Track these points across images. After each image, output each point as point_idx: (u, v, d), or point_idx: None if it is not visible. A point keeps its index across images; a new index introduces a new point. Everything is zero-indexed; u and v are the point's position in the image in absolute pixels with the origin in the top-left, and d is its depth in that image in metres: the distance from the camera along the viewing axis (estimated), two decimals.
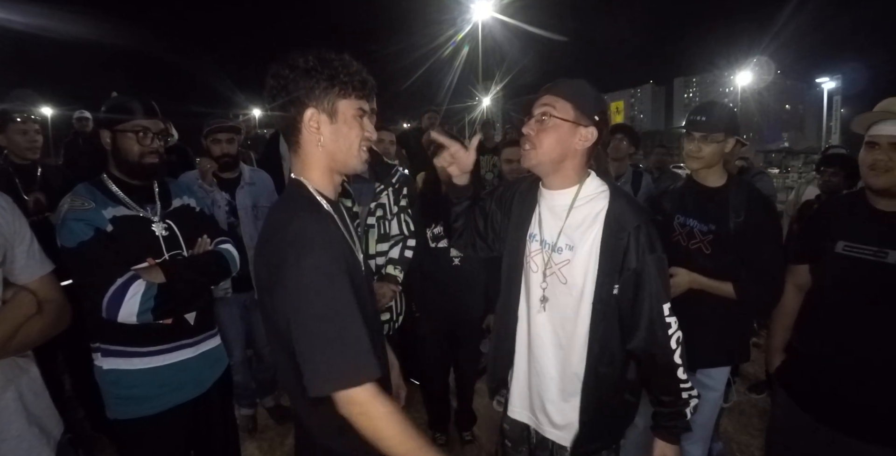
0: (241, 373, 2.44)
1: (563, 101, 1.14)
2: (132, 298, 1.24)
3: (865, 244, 1.30)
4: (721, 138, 1.59)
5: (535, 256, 1.25)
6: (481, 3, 17.60)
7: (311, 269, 0.83)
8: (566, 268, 1.18)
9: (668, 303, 1.14)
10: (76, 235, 1.25)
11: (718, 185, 1.66)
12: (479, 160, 5.09)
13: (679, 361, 1.15)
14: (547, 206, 1.24)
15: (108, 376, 1.36)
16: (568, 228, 1.18)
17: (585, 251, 1.15)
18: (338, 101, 0.94)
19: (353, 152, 0.98)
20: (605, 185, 1.21)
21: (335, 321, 0.84)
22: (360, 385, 0.83)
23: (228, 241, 1.60)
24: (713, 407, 1.73)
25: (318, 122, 0.93)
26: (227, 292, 2.28)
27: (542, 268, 1.22)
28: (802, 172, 22.65)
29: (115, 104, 1.41)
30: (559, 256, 1.19)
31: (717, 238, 1.59)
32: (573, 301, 1.17)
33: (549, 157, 1.15)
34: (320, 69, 0.91)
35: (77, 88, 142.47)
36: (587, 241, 1.15)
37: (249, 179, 2.39)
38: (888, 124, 1.29)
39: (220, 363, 1.60)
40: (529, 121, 1.18)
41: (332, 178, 1.00)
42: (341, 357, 0.83)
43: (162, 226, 1.43)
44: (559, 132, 1.14)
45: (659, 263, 1.14)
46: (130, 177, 1.42)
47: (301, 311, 0.84)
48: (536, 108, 1.17)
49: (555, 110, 1.14)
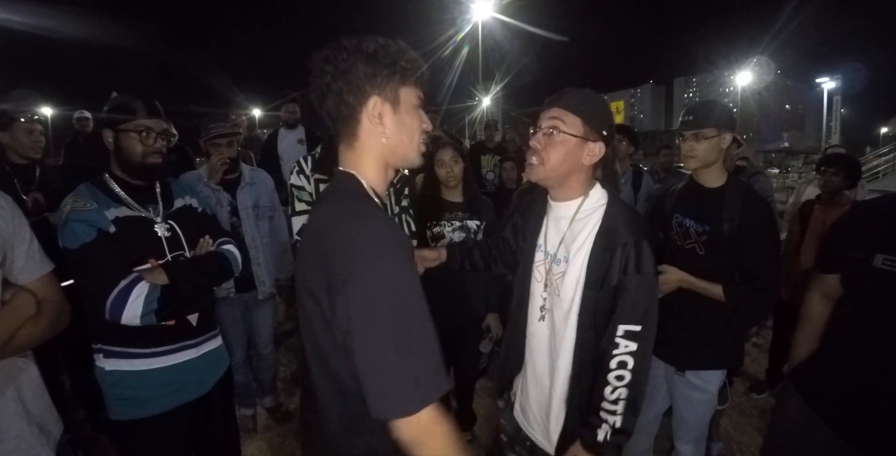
0: (242, 372, 2.44)
1: (571, 116, 1.12)
2: (135, 301, 1.24)
3: None
4: (713, 134, 1.56)
5: (538, 266, 1.26)
6: (481, 3, 17.58)
7: (389, 274, 0.73)
8: (559, 279, 1.18)
9: (634, 326, 1.09)
10: (78, 237, 1.25)
11: (717, 185, 1.63)
12: (481, 160, 5.12)
13: (610, 381, 1.09)
14: (552, 217, 1.25)
15: (110, 377, 1.36)
16: (567, 239, 1.19)
17: (577, 264, 1.14)
18: (400, 88, 0.85)
19: (414, 145, 0.90)
20: (605, 198, 1.19)
21: (414, 333, 0.74)
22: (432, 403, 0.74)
23: (231, 241, 1.60)
24: (705, 408, 1.72)
25: (381, 112, 0.84)
26: (229, 292, 2.28)
27: (544, 278, 1.23)
28: (802, 172, 22.68)
29: (118, 104, 1.40)
30: (557, 268, 1.19)
31: (712, 239, 1.58)
32: (563, 313, 1.17)
33: (556, 172, 1.14)
34: (382, 53, 0.82)
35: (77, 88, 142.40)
36: (581, 253, 1.14)
37: (250, 179, 2.38)
38: None
39: (222, 364, 1.60)
40: (536, 134, 1.16)
41: (387, 174, 0.91)
42: (420, 372, 0.73)
43: (164, 226, 1.43)
44: (567, 147, 1.12)
45: (641, 284, 1.08)
46: (133, 177, 1.42)
47: (375, 320, 0.72)
48: (544, 121, 1.15)
49: (563, 125, 1.12)
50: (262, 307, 2.47)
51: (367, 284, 0.72)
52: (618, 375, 1.10)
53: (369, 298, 0.72)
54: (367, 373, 0.72)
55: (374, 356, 0.72)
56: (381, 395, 0.72)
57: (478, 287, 2.20)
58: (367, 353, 0.72)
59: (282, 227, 2.50)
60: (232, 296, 2.29)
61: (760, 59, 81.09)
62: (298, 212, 1.78)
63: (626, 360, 1.09)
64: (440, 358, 0.76)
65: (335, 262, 0.75)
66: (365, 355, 0.72)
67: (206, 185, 2.24)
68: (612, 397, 1.10)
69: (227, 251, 1.54)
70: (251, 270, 2.31)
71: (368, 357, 0.72)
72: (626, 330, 1.09)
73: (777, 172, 27.42)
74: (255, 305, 2.43)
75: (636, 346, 1.09)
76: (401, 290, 0.74)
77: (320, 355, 0.82)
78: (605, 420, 1.11)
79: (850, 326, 1.27)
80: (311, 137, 4.09)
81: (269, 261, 2.40)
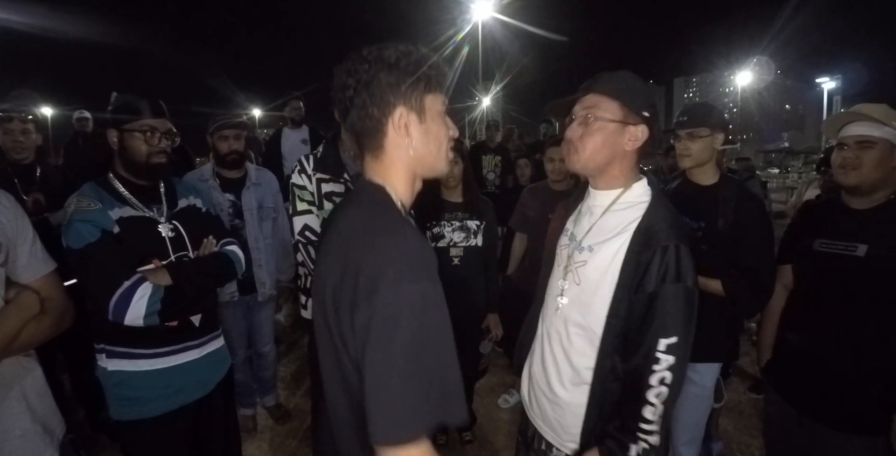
0: (242, 372, 2.44)
1: (608, 100, 1.05)
2: (139, 301, 1.23)
3: (838, 240, 1.40)
4: (706, 133, 1.64)
5: (562, 249, 1.22)
6: (481, 3, 17.57)
7: (414, 295, 0.70)
8: (582, 269, 1.12)
9: (674, 339, 1.01)
10: (82, 237, 1.24)
11: (710, 183, 1.70)
12: (481, 160, 5.12)
13: (651, 400, 1.02)
14: (588, 204, 1.19)
15: (113, 378, 1.36)
16: (597, 228, 1.12)
17: (603, 259, 1.07)
18: (425, 96, 0.82)
19: (442, 154, 0.87)
20: (648, 195, 1.11)
21: (425, 359, 0.70)
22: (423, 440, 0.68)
23: (234, 242, 1.59)
24: (701, 405, 1.74)
25: (406, 123, 0.81)
26: (233, 296, 2.28)
27: (565, 262, 1.18)
28: (802, 172, 22.66)
29: (123, 103, 1.40)
30: (580, 256, 1.13)
31: (706, 236, 1.63)
32: (582, 306, 1.11)
33: (594, 161, 1.08)
34: (405, 62, 0.79)
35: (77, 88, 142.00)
36: (609, 247, 1.07)
37: (255, 180, 2.36)
38: (855, 126, 1.38)
39: (224, 364, 1.60)
40: (572, 123, 1.10)
41: (414, 185, 0.88)
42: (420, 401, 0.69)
43: (168, 227, 1.42)
44: (605, 134, 1.05)
45: (680, 294, 1.00)
46: (137, 177, 1.41)
47: (390, 340, 0.68)
48: (579, 109, 1.09)
49: (599, 110, 1.05)
50: (263, 308, 2.47)
51: (390, 302, 0.69)
52: (657, 393, 1.02)
53: (389, 317, 0.68)
54: (370, 393, 0.69)
55: (379, 376, 0.69)
56: (375, 418, 0.68)
57: (478, 287, 2.20)
58: (375, 372, 0.69)
59: (285, 228, 2.47)
60: (236, 300, 2.29)
61: (760, 59, 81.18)
62: (300, 211, 1.78)
63: (666, 375, 1.01)
64: (454, 389, 0.72)
65: (361, 274, 0.71)
66: (372, 374, 0.69)
67: (211, 187, 2.22)
68: (652, 418, 1.02)
69: (230, 252, 1.53)
70: (253, 272, 2.31)
71: (375, 376, 0.69)
72: (668, 344, 1.00)
73: (777, 172, 27.42)
74: (257, 306, 2.43)
75: (674, 359, 1.01)
76: (423, 312, 0.70)
77: (337, 365, 0.79)
78: (641, 439, 1.04)
79: (796, 303, 1.53)
80: (314, 137, 4.06)
81: (271, 263, 2.39)
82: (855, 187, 1.38)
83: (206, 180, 2.24)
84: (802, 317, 1.50)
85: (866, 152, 1.34)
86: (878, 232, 1.33)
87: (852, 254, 1.35)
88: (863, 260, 1.33)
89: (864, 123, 1.36)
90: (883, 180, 1.35)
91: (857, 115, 1.38)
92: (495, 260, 2.33)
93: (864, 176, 1.35)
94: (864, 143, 1.34)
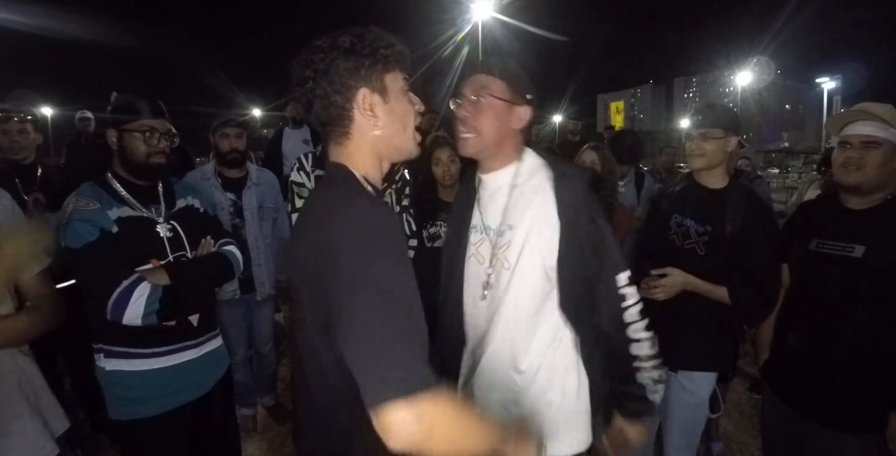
0: (242, 372, 2.45)
1: (496, 80, 1.10)
2: (137, 301, 1.23)
3: (835, 240, 1.40)
4: (720, 135, 1.59)
5: (479, 246, 1.19)
6: (481, 3, 17.57)
7: (376, 259, 0.70)
8: (508, 249, 1.11)
9: (627, 272, 1.08)
10: (81, 237, 1.24)
11: (719, 187, 1.64)
12: None
13: (634, 336, 1.08)
14: (486, 192, 1.20)
15: (111, 377, 1.36)
16: (511, 205, 1.13)
17: (523, 229, 1.09)
18: (384, 75, 0.83)
19: (409, 133, 0.88)
20: (539, 158, 1.17)
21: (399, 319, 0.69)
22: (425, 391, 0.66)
23: (232, 242, 1.59)
24: (696, 413, 1.69)
25: (371, 104, 0.82)
26: (235, 294, 2.29)
27: (489, 255, 1.15)
28: (802, 172, 22.66)
29: (123, 104, 1.40)
30: (503, 239, 1.13)
31: (712, 240, 1.59)
32: (517, 286, 1.09)
33: (490, 139, 1.11)
34: (360, 45, 0.80)
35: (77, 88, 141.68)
36: (527, 217, 1.09)
37: (256, 180, 2.38)
38: (860, 125, 1.37)
39: (222, 364, 1.60)
40: (463, 103, 1.12)
41: (381, 165, 0.89)
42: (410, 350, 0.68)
43: (166, 227, 1.42)
44: (496, 111, 1.10)
45: (608, 230, 1.09)
46: (136, 177, 1.42)
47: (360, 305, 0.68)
48: (469, 89, 1.12)
49: (489, 89, 1.10)
50: (263, 307, 2.48)
51: (353, 268, 0.69)
52: (637, 327, 1.09)
53: (354, 284, 0.69)
54: (354, 358, 0.68)
55: (359, 340, 0.68)
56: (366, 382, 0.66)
57: None
58: (353, 340, 0.68)
59: (284, 228, 2.49)
60: (237, 297, 2.31)
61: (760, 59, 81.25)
62: (298, 208, 1.78)
63: (636, 308, 1.09)
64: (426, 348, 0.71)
65: (324, 247, 0.73)
66: (351, 341, 0.68)
67: (213, 186, 2.24)
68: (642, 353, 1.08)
69: (228, 252, 1.53)
70: (252, 271, 2.32)
71: (354, 343, 0.68)
72: (627, 277, 1.09)
73: (777, 172, 27.42)
74: (256, 305, 2.44)
75: (634, 289, 1.09)
76: (386, 272, 0.70)
77: (311, 347, 0.81)
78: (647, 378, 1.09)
79: (793, 303, 1.53)
80: (315, 137, 4.07)
81: (270, 262, 2.40)
82: (855, 187, 1.37)
83: (207, 179, 2.26)
84: (799, 317, 1.49)
85: (871, 152, 1.33)
86: (876, 233, 1.33)
87: (849, 255, 1.35)
88: (860, 261, 1.32)
89: (870, 123, 1.34)
90: (884, 181, 1.35)
91: (864, 114, 1.36)
92: None
93: (866, 176, 1.34)
94: (870, 143, 1.33)
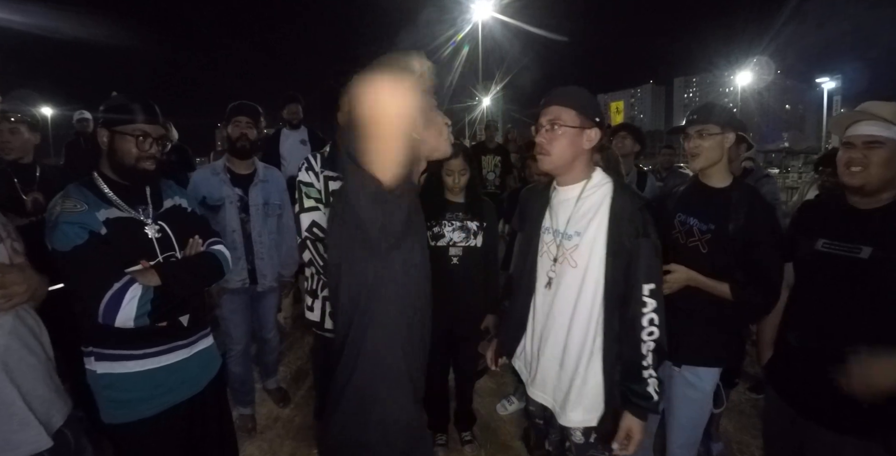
0: (241, 364, 2.49)
1: (566, 110, 1.31)
2: (129, 303, 1.22)
3: (841, 241, 1.38)
4: (716, 131, 1.60)
5: (549, 245, 1.42)
6: (481, 3, 17.58)
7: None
8: (573, 252, 1.34)
9: (653, 284, 1.28)
10: (70, 239, 1.22)
11: (723, 185, 1.65)
12: (481, 160, 5.12)
13: (645, 338, 1.27)
14: (557, 201, 1.43)
15: (102, 380, 1.34)
16: (576, 215, 1.36)
17: (590, 236, 1.31)
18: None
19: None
20: (608, 178, 1.38)
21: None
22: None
23: (220, 241, 1.59)
24: (699, 409, 1.71)
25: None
26: (244, 283, 2.37)
27: (555, 254, 1.38)
28: (802, 172, 22.64)
29: (117, 105, 1.38)
30: (569, 243, 1.35)
31: (716, 238, 1.59)
32: (578, 282, 1.32)
33: (562, 160, 1.34)
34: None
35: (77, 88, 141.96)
36: (593, 224, 1.31)
37: (263, 177, 2.42)
38: (863, 125, 1.36)
39: (215, 362, 1.59)
40: (540, 131, 1.35)
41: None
42: None
43: (155, 228, 1.42)
44: (568, 137, 1.31)
45: (652, 247, 1.28)
46: (123, 179, 1.40)
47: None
48: (544, 119, 1.34)
49: (562, 119, 1.31)
50: (267, 297, 2.57)
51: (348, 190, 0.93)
52: (650, 332, 1.27)
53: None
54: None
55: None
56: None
57: (476, 287, 2.20)
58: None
59: (289, 225, 2.54)
60: (247, 286, 2.38)
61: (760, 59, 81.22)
62: (307, 208, 1.78)
63: (654, 317, 1.27)
64: None
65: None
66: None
67: (222, 180, 2.29)
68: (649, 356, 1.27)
69: (217, 251, 1.53)
70: (255, 263, 2.40)
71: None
72: (650, 289, 1.27)
73: (777, 172, 27.37)
74: (258, 295, 2.52)
75: (656, 302, 1.27)
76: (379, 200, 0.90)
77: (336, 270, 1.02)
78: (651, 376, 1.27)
79: (797, 303, 1.52)
80: (313, 138, 4.10)
81: (273, 256, 2.46)
82: (860, 187, 1.35)
83: (217, 174, 2.31)
84: (802, 317, 1.48)
85: (874, 152, 1.32)
86: (883, 234, 1.31)
87: (856, 256, 1.33)
88: (866, 263, 1.30)
89: (873, 123, 1.33)
90: (889, 181, 1.33)
91: (866, 114, 1.35)
92: (496, 261, 2.32)
93: (870, 176, 1.32)
94: (873, 143, 1.32)
